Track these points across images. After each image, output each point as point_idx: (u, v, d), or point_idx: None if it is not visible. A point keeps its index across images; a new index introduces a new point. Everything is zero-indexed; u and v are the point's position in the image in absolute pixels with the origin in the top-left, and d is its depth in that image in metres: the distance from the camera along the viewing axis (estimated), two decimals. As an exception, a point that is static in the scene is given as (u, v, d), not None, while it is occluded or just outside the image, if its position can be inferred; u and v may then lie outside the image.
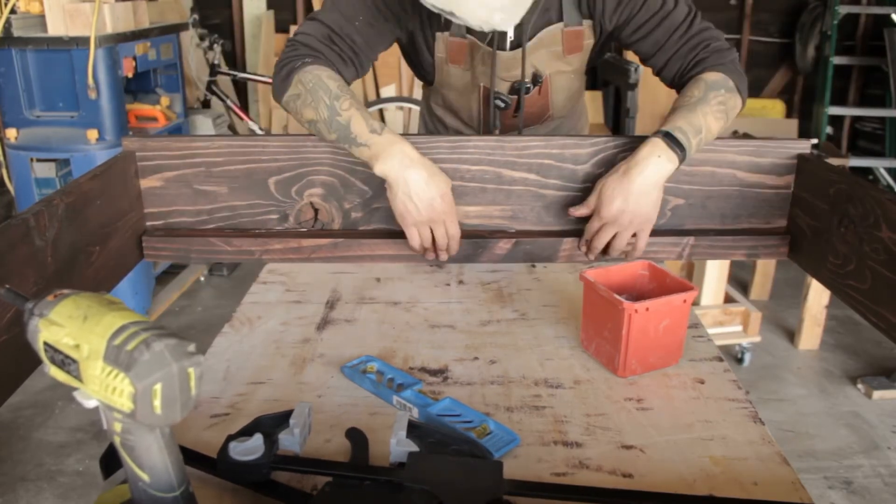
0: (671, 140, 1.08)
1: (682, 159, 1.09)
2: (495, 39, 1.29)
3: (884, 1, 4.66)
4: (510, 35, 1.29)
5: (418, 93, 5.02)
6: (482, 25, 1.05)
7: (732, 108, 1.17)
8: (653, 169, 1.08)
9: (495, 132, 1.41)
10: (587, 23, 1.30)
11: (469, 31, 1.30)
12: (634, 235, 1.13)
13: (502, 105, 1.39)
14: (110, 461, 0.70)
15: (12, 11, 2.78)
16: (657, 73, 1.26)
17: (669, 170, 1.09)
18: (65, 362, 0.55)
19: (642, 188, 1.08)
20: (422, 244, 1.13)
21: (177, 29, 3.45)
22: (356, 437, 0.78)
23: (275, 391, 0.89)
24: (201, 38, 3.81)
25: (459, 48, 1.34)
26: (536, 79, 1.36)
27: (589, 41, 1.33)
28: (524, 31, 1.28)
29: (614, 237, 1.12)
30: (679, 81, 1.23)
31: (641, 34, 1.25)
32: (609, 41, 1.36)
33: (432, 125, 1.57)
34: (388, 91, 5.06)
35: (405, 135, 1.12)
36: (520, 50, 1.31)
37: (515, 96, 1.38)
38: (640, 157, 1.08)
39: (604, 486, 0.72)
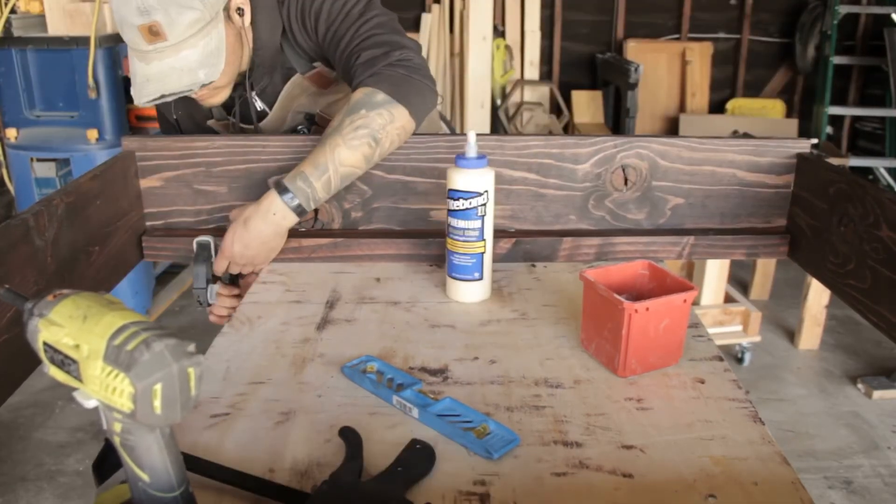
0: (286, 193, 1.11)
1: (301, 211, 1.13)
2: (237, 108, 1.35)
3: (884, 1, 4.66)
4: (258, 105, 1.36)
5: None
6: (193, 87, 1.17)
7: (384, 126, 1.12)
8: (268, 226, 1.13)
9: None
10: (317, 64, 1.32)
11: (226, 111, 1.37)
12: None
13: None
14: (103, 467, 0.70)
15: (12, 11, 2.78)
16: None
17: (288, 224, 1.14)
18: (64, 362, 0.55)
19: (259, 238, 1.15)
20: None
21: (177, 29, 3.44)
22: (350, 436, 0.78)
23: (275, 391, 0.89)
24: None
25: (227, 129, 1.42)
26: (310, 119, 1.40)
27: (333, 74, 1.34)
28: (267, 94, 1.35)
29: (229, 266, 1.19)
30: None
31: (331, 55, 1.25)
32: None
33: None
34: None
35: (418, 134, 1.12)
36: (273, 110, 1.36)
37: None
38: (260, 211, 1.13)
39: (603, 486, 0.72)
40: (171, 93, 1.17)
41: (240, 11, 1.22)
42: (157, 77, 1.16)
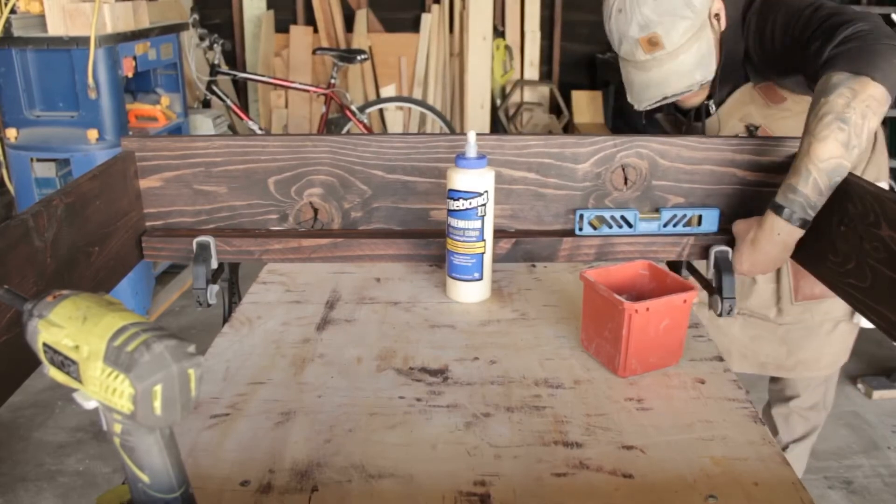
0: (782, 210, 1.10)
1: (804, 223, 1.10)
2: (703, 112, 1.47)
3: (884, 1, 4.66)
4: (712, 109, 1.46)
5: (418, 92, 5.02)
6: (691, 88, 1.33)
7: (847, 105, 1.07)
8: (775, 247, 1.13)
9: None
10: (768, 83, 1.37)
11: (677, 109, 1.53)
12: None
13: None
14: None
15: (12, 11, 2.78)
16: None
17: (794, 239, 1.12)
18: (64, 363, 0.55)
19: (768, 257, 1.15)
20: None
21: (177, 29, 3.45)
22: None
23: (275, 391, 0.89)
24: (201, 38, 3.82)
25: (669, 122, 1.60)
26: (750, 130, 1.46)
27: (784, 90, 1.37)
28: (715, 99, 1.45)
29: None
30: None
31: (797, 65, 1.25)
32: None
33: None
34: (387, 91, 5.06)
35: (405, 134, 1.12)
36: (718, 112, 1.45)
37: None
38: (764, 233, 1.13)
39: (603, 487, 0.72)
40: (672, 94, 1.34)
41: (717, 17, 1.34)
42: (657, 83, 1.33)
